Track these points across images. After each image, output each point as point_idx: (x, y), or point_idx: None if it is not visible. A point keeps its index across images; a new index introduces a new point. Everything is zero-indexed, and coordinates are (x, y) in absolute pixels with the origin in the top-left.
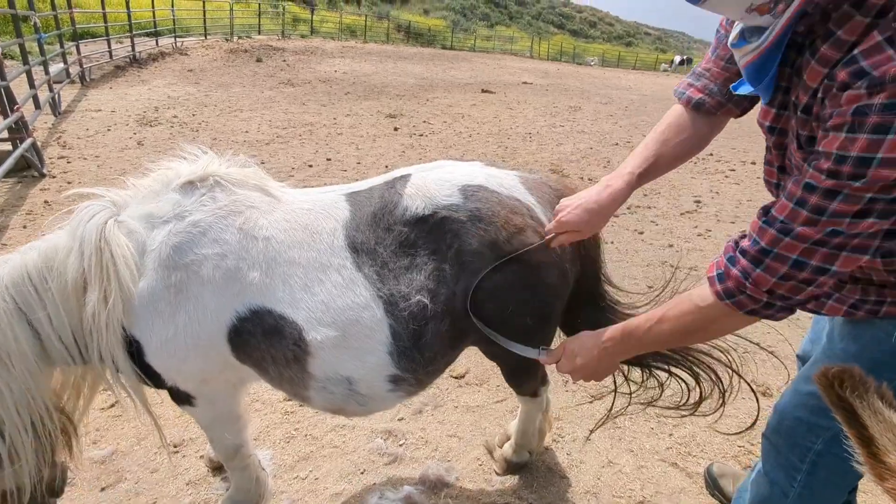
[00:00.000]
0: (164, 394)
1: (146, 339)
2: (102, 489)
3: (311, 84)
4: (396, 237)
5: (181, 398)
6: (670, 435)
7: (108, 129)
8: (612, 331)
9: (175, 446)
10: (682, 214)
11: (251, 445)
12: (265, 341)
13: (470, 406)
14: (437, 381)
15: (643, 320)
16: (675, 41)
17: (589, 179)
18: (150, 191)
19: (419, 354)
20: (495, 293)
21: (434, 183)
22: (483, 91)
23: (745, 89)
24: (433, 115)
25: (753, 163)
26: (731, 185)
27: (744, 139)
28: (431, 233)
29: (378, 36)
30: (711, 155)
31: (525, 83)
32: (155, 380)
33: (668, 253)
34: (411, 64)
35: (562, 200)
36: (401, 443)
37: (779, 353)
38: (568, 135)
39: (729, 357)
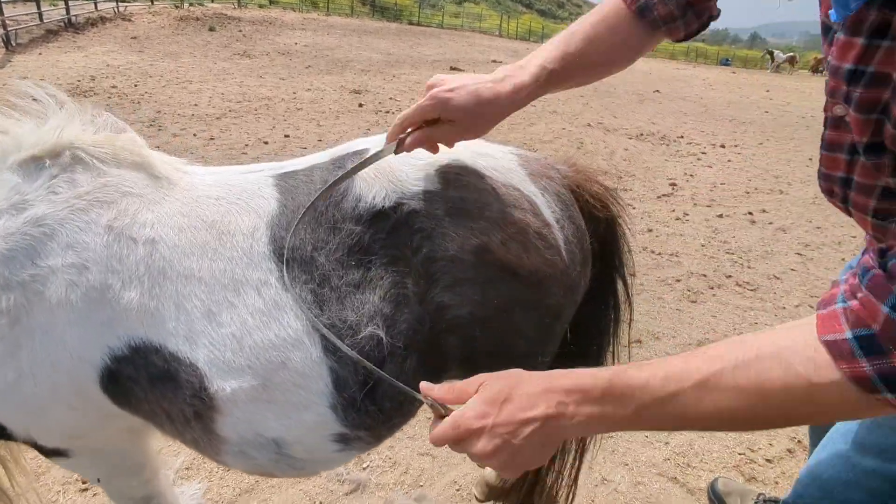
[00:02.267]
0: None
1: None
2: None
3: (269, 56)
4: (344, 240)
5: (48, 451)
6: (666, 443)
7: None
8: (583, 377)
9: (84, 482)
10: (658, 198)
11: (170, 493)
12: (153, 392)
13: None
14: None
15: (659, 379)
16: None
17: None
18: None
19: (375, 407)
20: (478, 317)
21: (400, 162)
22: (452, 68)
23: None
24: (400, 92)
25: (723, 146)
26: (704, 168)
27: (711, 122)
28: (393, 234)
29: (341, 9)
30: (682, 137)
31: (494, 61)
32: None
33: (648, 238)
34: (377, 39)
35: (439, 76)
36: (364, 465)
37: None
38: (539, 115)
39: None
